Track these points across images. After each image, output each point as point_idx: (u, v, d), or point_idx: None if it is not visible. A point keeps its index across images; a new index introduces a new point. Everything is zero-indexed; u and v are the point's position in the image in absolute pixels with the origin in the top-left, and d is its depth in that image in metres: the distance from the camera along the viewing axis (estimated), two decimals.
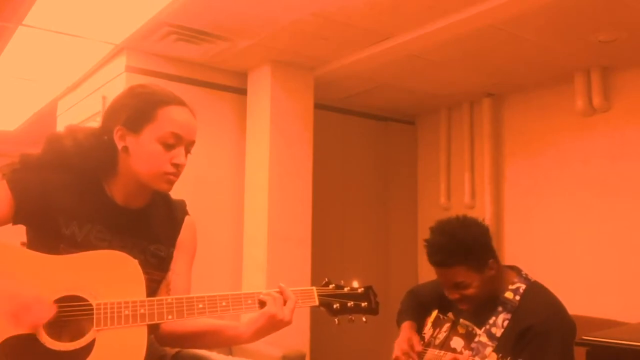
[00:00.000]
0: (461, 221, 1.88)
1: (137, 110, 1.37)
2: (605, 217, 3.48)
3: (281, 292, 1.40)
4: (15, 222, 1.34)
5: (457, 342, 1.83)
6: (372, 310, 1.50)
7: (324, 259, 3.74)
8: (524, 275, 1.88)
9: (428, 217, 4.61)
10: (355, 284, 1.52)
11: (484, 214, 4.03)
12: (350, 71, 3.56)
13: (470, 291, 1.80)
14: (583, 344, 1.54)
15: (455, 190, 4.38)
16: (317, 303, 1.45)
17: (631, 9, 2.64)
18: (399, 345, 1.95)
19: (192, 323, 1.43)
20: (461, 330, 1.85)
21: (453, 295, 1.84)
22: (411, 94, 4.16)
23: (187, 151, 1.42)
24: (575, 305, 2.27)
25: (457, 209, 4.20)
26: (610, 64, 3.46)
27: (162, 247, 1.46)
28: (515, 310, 1.79)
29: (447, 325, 1.90)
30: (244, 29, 2.97)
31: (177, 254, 1.50)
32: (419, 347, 1.93)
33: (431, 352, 1.88)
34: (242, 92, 3.66)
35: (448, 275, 1.82)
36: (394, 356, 1.95)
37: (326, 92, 3.92)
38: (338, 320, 1.47)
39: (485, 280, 1.81)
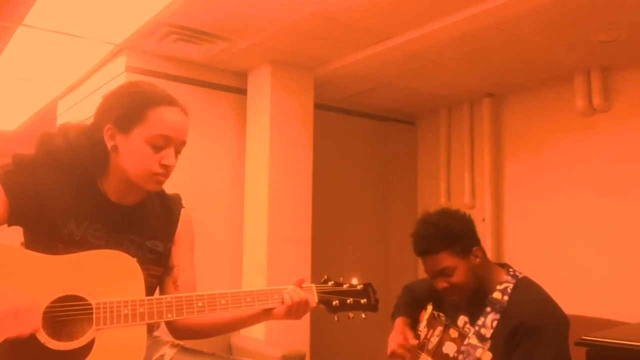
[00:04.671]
0: (442, 210, 1.93)
1: (127, 111, 1.37)
2: (605, 217, 3.48)
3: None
4: (10, 224, 1.34)
5: (449, 347, 1.83)
6: (372, 307, 1.50)
7: (324, 259, 3.74)
8: (511, 273, 1.88)
9: None
10: (354, 281, 1.52)
11: (484, 214, 4.04)
12: (350, 71, 3.56)
13: (456, 278, 1.81)
14: (583, 344, 1.54)
15: (455, 190, 4.38)
16: (316, 300, 1.45)
17: (631, 9, 2.64)
18: (394, 339, 1.96)
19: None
20: (454, 335, 1.84)
21: (441, 284, 1.85)
22: (411, 94, 4.16)
23: (178, 151, 1.42)
24: (575, 305, 2.27)
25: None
26: (610, 64, 3.46)
27: (159, 243, 1.46)
28: (504, 311, 1.78)
29: (439, 329, 1.89)
30: (244, 29, 2.97)
31: (178, 248, 1.51)
32: (413, 341, 1.93)
33: (424, 359, 1.88)
34: (242, 92, 3.66)
35: (433, 262, 1.83)
36: (390, 350, 1.95)
37: (326, 92, 3.92)
38: (337, 317, 1.47)
39: (471, 268, 1.83)
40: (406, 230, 4.91)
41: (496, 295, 1.82)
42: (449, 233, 1.82)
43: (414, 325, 2.06)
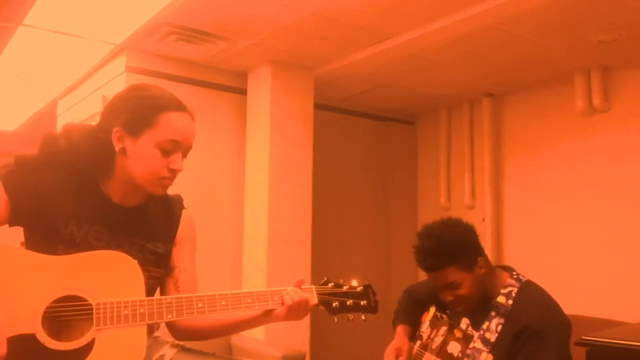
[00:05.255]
0: (445, 223, 1.90)
1: (137, 114, 1.37)
2: (605, 217, 3.48)
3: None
4: (11, 224, 1.34)
5: (454, 347, 1.83)
6: (372, 309, 1.50)
7: (324, 259, 3.74)
8: (515, 276, 1.88)
9: (428, 217, 4.58)
10: (354, 283, 1.52)
11: (484, 214, 4.03)
12: (350, 71, 3.56)
13: (462, 291, 1.81)
14: (583, 344, 1.54)
15: (455, 190, 4.38)
16: (316, 302, 1.45)
17: (631, 9, 2.64)
18: (388, 357, 1.99)
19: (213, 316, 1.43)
20: (458, 334, 1.84)
21: (447, 298, 1.85)
22: (411, 94, 4.16)
23: (184, 156, 1.43)
24: (575, 305, 2.27)
25: (457, 209, 4.21)
26: (610, 64, 3.46)
27: (160, 245, 1.46)
28: (508, 314, 1.79)
29: (444, 329, 1.89)
30: (244, 29, 2.97)
31: (179, 250, 1.51)
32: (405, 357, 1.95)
33: (428, 358, 1.88)
34: (242, 92, 3.66)
35: (439, 277, 1.83)
36: None
37: (326, 92, 3.92)
38: (337, 319, 1.48)
39: (477, 279, 1.83)
40: (406, 230, 4.93)
41: (500, 299, 1.82)
42: (454, 248, 1.81)
43: (414, 331, 2.06)
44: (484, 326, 1.82)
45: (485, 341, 1.79)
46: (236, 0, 2.64)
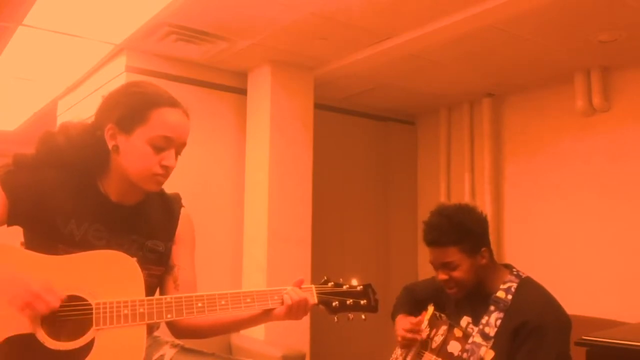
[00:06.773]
0: (460, 206, 1.94)
1: (129, 110, 1.37)
2: (605, 217, 3.48)
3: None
4: (10, 224, 1.34)
5: (454, 347, 1.83)
6: (372, 308, 1.50)
7: (324, 259, 3.74)
8: (515, 273, 1.89)
9: None
10: (354, 282, 1.52)
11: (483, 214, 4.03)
12: (350, 71, 3.56)
13: (458, 273, 1.83)
14: (583, 344, 1.54)
15: (455, 190, 4.38)
16: (315, 301, 1.45)
17: (631, 9, 2.64)
18: (400, 327, 1.98)
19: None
20: (458, 334, 1.85)
21: (441, 276, 1.87)
22: (411, 94, 4.16)
23: (178, 153, 1.42)
24: (575, 305, 2.27)
25: None
26: (610, 64, 3.46)
27: (159, 243, 1.46)
28: (508, 309, 1.79)
29: (443, 328, 1.89)
30: (244, 29, 2.97)
31: (178, 248, 1.51)
32: (419, 320, 1.94)
33: (428, 357, 1.88)
34: (242, 92, 3.66)
35: (440, 254, 1.85)
36: (399, 337, 1.96)
37: (326, 92, 3.92)
38: (337, 318, 1.47)
39: (475, 267, 1.84)
40: (406, 230, 4.91)
41: (500, 294, 1.83)
42: (461, 229, 1.83)
43: None
44: (483, 321, 1.82)
45: (484, 335, 1.79)
46: (236, 0, 2.64)
